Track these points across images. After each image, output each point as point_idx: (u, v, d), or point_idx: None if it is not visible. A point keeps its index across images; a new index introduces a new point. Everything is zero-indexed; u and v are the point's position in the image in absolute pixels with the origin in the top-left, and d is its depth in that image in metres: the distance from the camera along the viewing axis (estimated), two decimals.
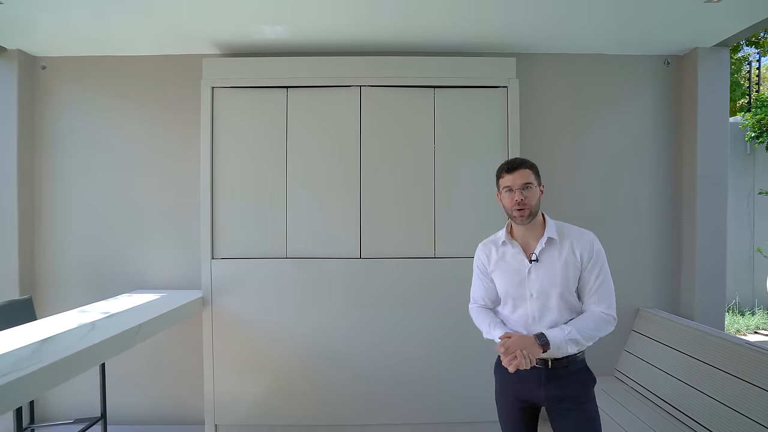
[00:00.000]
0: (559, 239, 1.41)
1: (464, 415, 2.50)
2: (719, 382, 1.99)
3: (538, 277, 1.39)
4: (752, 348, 1.93)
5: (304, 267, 2.49)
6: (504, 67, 2.51)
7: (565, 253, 1.39)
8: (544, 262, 1.40)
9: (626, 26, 2.42)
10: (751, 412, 1.77)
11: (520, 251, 1.43)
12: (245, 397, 2.50)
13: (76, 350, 1.47)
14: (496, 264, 1.48)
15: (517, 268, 1.43)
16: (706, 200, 2.73)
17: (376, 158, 2.50)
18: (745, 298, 5.07)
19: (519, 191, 1.36)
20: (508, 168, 1.41)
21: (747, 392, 1.83)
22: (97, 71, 2.73)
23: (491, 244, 1.52)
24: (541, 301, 1.38)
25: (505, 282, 1.45)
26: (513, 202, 1.37)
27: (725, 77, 2.76)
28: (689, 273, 2.79)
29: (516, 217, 1.39)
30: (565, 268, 1.38)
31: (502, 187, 1.43)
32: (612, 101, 2.82)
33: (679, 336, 2.40)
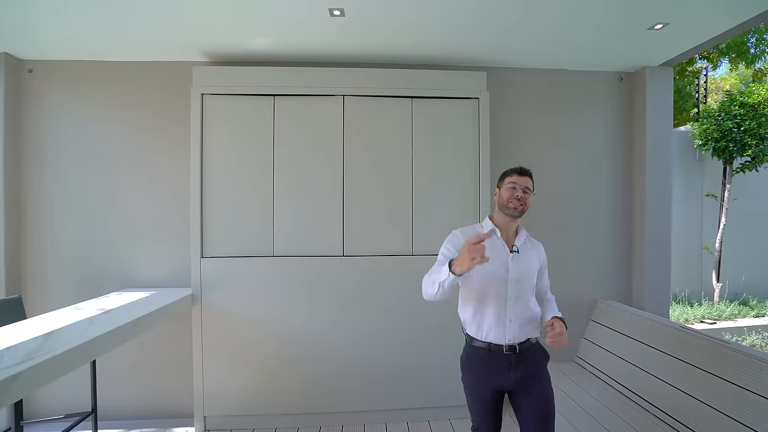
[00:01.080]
0: (529, 241, 1.72)
1: (436, 401, 2.70)
2: (666, 365, 2.25)
3: (518, 265, 1.60)
4: (693, 334, 2.20)
5: (290, 265, 2.63)
6: (475, 80, 2.73)
7: (533, 251, 1.69)
8: (522, 254, 1.63)
9: (584, 47, 2.70)
10: (693, 390, 2.02)
11: (503, 242, 1.62)
12: (233, 389, 2.61)
13: (81, 342, 1.57)
14: None
15: (501, 255, 1.59)
16: (654, 203, 3.05)
17: (358, 162, 2.67)
18: (694, 291, 5.53)
19: (521, 189, 1.59)
20: (519, 172, 1.63)
21: (689, 373, 2.09)
22: (85, 76, 2.79)
23: (472, 231, 1.64)
24: (519, 285, 1.59)
25: (491, 265, 1.50)
26: (513, 197, 1.58)
27: (669, 93, 3.09)
28: (639, 268, 3.10)
29: (511, 208, 1.58)
30: (535, 264, 1.67)
31: (507, 183, 1.62)
32: (573, 112, 3.10)
33: (631, 324, 2.67)
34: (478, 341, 1.59)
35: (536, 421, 1.54)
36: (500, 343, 1.55)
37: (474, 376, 1.62)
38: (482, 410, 1.63)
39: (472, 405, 1.67)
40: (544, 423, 1.54)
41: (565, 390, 2.58)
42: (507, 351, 1.54)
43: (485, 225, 1.68)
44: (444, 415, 2.71)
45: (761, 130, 4.81)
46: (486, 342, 1.57)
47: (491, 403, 1.61)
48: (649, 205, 3.05)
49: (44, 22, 2.29)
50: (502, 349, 1.55)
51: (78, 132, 2.79)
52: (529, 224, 3.04)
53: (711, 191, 5.53)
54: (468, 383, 1.65)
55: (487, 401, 1.61)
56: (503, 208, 1.62)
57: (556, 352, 2.96)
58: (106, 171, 2.80)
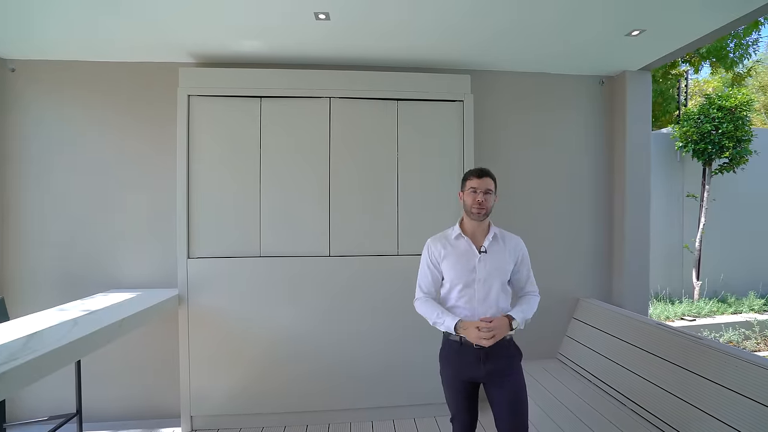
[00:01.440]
0: (501, 238, 1.75)
1: (422, 398, 2.74)
2: (644, 361, 2.32)
3: (486, 265, 1.67)
4: (668, 330, 2.28)
5: (276, 265, 2.65)
6: (460, 83, 2.78)
7: (506, 249, 1.73)
8: (490, 253, 1.69)
9: (565, 51, 2.77)
10: (671, 386, 2.08)
11: (471, 243, 1.71)
12: (220, 388, 2.63)
13: (65, 342, 1.57)
14: (449, 254, 1.72)
15: (468, 257, 1.69)
16: (633, 203, 3.13)
17: (344, 164, 2.70)
18: (675, 289, 5.67)
19: (481, 194, 1.66)
20: (478, 174, 1.69)
21: (666, 369, 2.15)
22: (69, 76, 2.77)
23: (443, 238, 1.77)
24: (487, 285, 1.66)
25: (457, 268, 1.68)
26: (475, 202, 1.66)
27: (648, 96, 3.18)
28: (619, 266, 3.18)
29: (474, 213, 1.67)
30: (505, 261, 1.71)
31: (468, 188, 1.69)
32: (555, 114, 3.17)
33: (611, 322, 2.74)
34: (452, 336, 1.68)
35: (508, 411, 1.63)
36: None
37: (449, 368, 1.71)
38: (457, 402, 1.71)
39: (448, 396, 1.75)
40: (515, 413, 1.63)
41: (547, 387, 2.64)
42: (477, 346, 1.61)
43: (454, 230, 1.76)
44: (429, 413, 2.76)
45: (738, 132, 4.96)
46: (458, 336, 1.65)
47: (465, 394, 1.70)
48: (629, 206, 3.13)
49: (28, 22, 2.27)
50: (473, 343, 1.61)
51: (62, 132, 2.77)
52: (513, 224, 3.11)
53: (691, 192, 5.68)
54: (444, 376, 1.74)
55: (461, 393, 1.70)
56: (468, 213, 1.71)
57: (541, 350, 3.07)
58: (91, 171, 2.79)
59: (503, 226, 1.85)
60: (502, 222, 2.94)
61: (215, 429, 2.65)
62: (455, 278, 1.69)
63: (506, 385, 1.65)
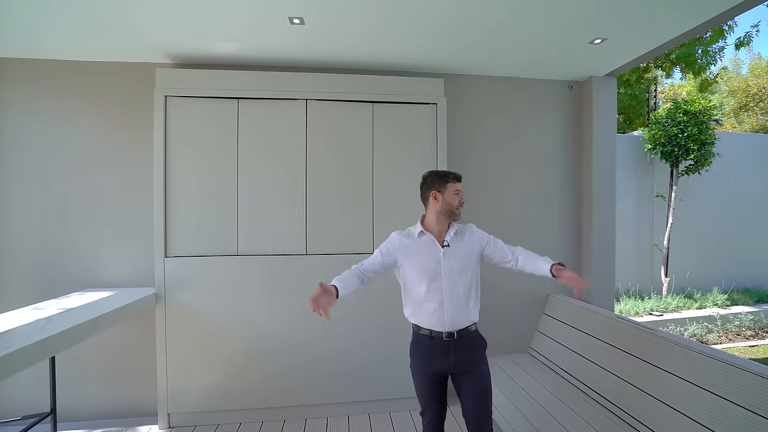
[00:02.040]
0: (461, 232, 1.85)
1: (396, 393, 2.83)
2: (608, 354, 2.43)
3: (450, 258, 1.76)
4: (631, 325, 2.38)
5: (254, 263, 2.70)
6: (434, 86, 2.88)
7: (465, 241, 1.82)
8: (453, 247, 1.78)
9: (535, 57, 2.89)
10: (635, 379, 2.17)
11: (433, 239, 1.79)
12: (197, 385, 2.66)
13: (38, 339, 1.59)
14: (413, 249, 1.78)
15: (433, 252, 1.77)
16: (599, 203, 3.27)
17: (321, 164, 2.76)
18: (645, 285, 5.90)
19: (463, 195, 1.81)
20: (459, 178, 1.82)
21: (630, 363, 2.24)
22: (45, 74, 2.76)
23: (408, 235, 1.84)
24: (452, 277, 1.75)
25: (424, 263, 1.75)
26: (459, 203, 1.79)
27: (613, 101, 3.33)
28: (587, 264, 3.33)
29: (457, 213, 1.79)
30: (468, 253, 1.81)
31: (451, 190, 1.78)
32: (526, 117, 3.29)
33: (578, 317, 2.86)
34: (422, 329, 1.77)
35: (474, 397, 1.72)
36: (440, 330, 1.73)
37: (419, 361, 1.78)
38: (427, 393, 1.80)
39: (418, 389, 1.82)
40: (481, 399, 1.73)
41: (518, 380, 2.74)
42: (446, 337, 1.72)
43: (416, 228, 1.83)
44: (404, 407, 2.85)
45: (702, 135, 5.21)
46: (428, 329, 1.74)
47: (435, 385, 1.79)
48: (595, 205, 3.27)
49: (1, 19, 2.26)
50: (442, 335, 1.72)
51: (38, 131, 2.76)
52: (485, 222, 3.22)
53: (660, 192, 5.92)
54: (414, 369, 1.82)
55: (430, 384, 1.78)
56: (450, 213, 1.78)
57: (513, 345, 3.18)
58: (68, 170, 2.78)
59: (473, 221, 1.97)
60: (473, 217, 3.06)
61: (192, 426, 2.68)
62: (422, 273, 1.75)
63: (473, 374, 1.75)
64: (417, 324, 1.79)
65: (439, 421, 1.84)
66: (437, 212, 1.79)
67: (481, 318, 2.99)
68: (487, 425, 1.74)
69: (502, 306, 3.18)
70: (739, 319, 5.07)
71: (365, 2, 2.11)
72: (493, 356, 3.11)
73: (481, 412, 1.73)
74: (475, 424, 1.73)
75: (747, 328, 5.08)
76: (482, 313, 2.94)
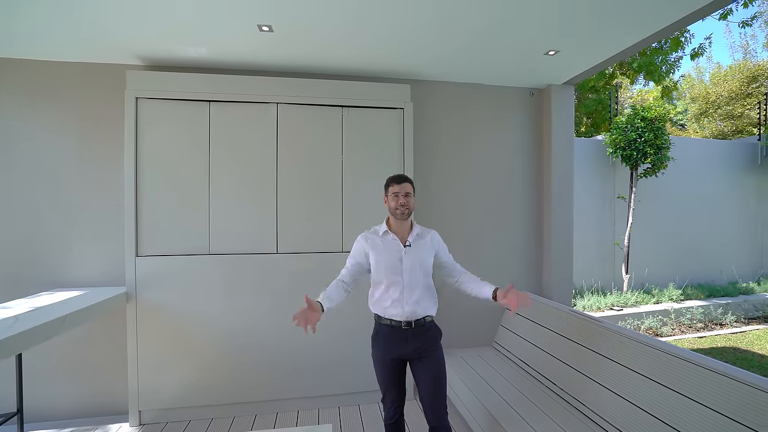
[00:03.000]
0: (422, 234, 2.01)
1: (365, 386, 2.94)
2: (563, 346, 2.60)
3: (410, 258, 1.92)
4: (586, 319, 2.55)
5: (225, 262, 2.76)
6: (401, 92, 3.01)
7: (425, 244, 1.99)
8: (413, 248, 1.95)
9: (497, 66, 3.06)
10: (583, 367, 2.34)
11: (397, 239, 1.96)
12: (168, 382, 2.70)
13: (4, 337, 1.63)
14: (378, 249, 1.94)
15: (395, 251, 1.94)
16: (558, 204, 3.48)
17: (291, 165, 2.85)
18: (607, 282, 6.22)
19: (402, 197, 1.92)
20: (397, 180, 1.95)
21: (579, 352, 2.41)
22: (11, 74, 2.74)
23: (373, 234, 2.00)
24: (411, 274, 1.91)
25: (386, 261, 1.91)
26: (398, 204, 1.92)
27: (571, 107, 3.55)
28: (547, 262, 3.53)
29: (398, 214, 1.93)
30: (427, 253, 1.98)
31: (390, 193, 1.95)
32: (490, 122, 3.47)
33: (538, 312, 3.02)
34: (383, 319, 1.93)
35: (430, 382, 1.89)
36: (400, 320, 1.89)
37: (380, 349, 1.95)
38: (387, 379, 1.96)
39: (379, 375, 1.98)
40: (436, 383, 1.90)
41: (480, 372, 2.88)
42: (405, 326, 1.89)
43: (381, 228, 2.00)
44: (373, 399, 2.97)
45: (657, 141, 5.55)
46: (389, 319, 1.91)
47: (394, 371, 1.95)
48: (554, 205, 3.48)
49: None
50: (401, 324, 1.89)
51: (5, 130, 2.74)
52: (451, 223, 3.37)
53: (621, 194, 6.25)
54: (375, 356, 1.98)
55: (390, 369, 1.94)
56: (393, 213, 1.95)
57: (478, 339, 3.34)
58: (38, 170, 2.77)
59: (443, 225, 2.11)
60: (442, 221, 3.22)
61: (164, 422, 2.72)
62: (385, 269, 1.91)
63: (429, 360, 1.91)
64: (379, 314, 1.96)
65: (399, 405, 2.01)
66: (390, 214, 1.98)
67: (449, 314, 3.19)
68: (441, 406, 1.90)
69: (468, 303, 3.27)
70: (691, 313, 5.43)
71: (331, 14, 2.22)
72: (459, 350, 3.29)
73: (436, 395, 1.89)
74: (431, 406, 1.89)
75: (698, 321, 5.44)
76: (451, 309, 3.14)
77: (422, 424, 2.46)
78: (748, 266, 7.20)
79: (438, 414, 1.89)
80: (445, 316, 3.15)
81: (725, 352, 4.50)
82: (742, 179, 7.23)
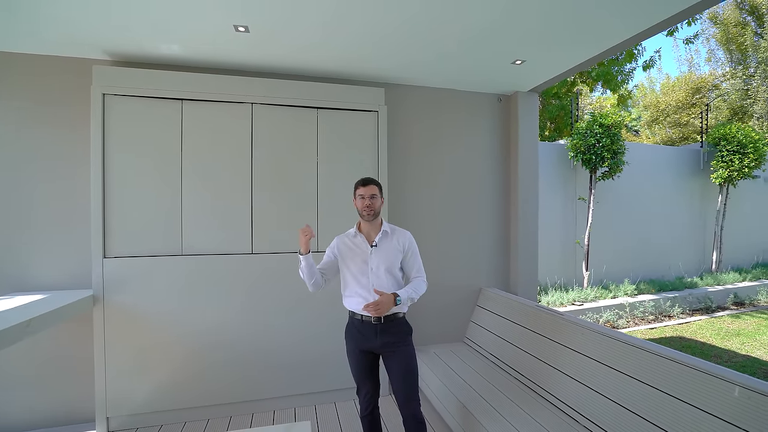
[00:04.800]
0: (391, 233, 2.08)
1: (335, 384, 2.99)
2: (528, 338, 2.75)
3: (376, 257, 2.02)
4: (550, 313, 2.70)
5: (199, 263, 2.73)
6: (375, 95, 3.08)
7: (393, 243, 2.07)
8: (380, 247, 2.04)
9: (467, 73, 3.20)
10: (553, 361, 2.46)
11: (364, 240, 2.06)
12: (139, 387, 2.64)
13: None
14: (348, 249, 2.07)
15: (362, 252, 2.05)
16: (524, 204, 3.67)
17: (265, 166, 2.85)
18: (569, 278, 6.58)
19: (368, 198, 2.02)
20: (363, 183, 2.04)
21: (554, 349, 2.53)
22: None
23: (345, 237, 2.13)
24: (377, 273, 2.01)
25: (354, 261, 2.03)
26: (364, 206, 2.02)
27: (535, 113, 3.75)
28: (514, 259, 3.71)
29: (364, 215, 2.03)
30: (394, 253, 2.06)
31: (357, 195, 2.05)
32: (461, 125, 3.61)
33: (506, 307, 3.17)
34: (355, 314, 2.05)
35: (401, 375, 1.98)
36: (369, 316, 1.97)
37: (352, 342, 2.06)
38: (360, 371, 2.06)
39: (353, 367, 2.08)
40: (406, 376, 1.98)
41: (452, 366, 3.00)
42: (375, 322, 1.99)
43: (353, 230, 2.12)
44: (349, 396, 3.02)
45: (614, 146, 5.94)
46: (360, 315, 2.01)
47: (366, 363, 2.06)
48: (521, 206, 3.66)
49: None
50: (371, 320, 1.98)
51: None
52: (422, 222, 3.47)
53: (582, 195, 6.62)
54: (349, 349, 2.09)
55: (362, 362, 2.05)
56: (360, 215, 2.06)
57: (449, 335, 3.46)
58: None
59: (416, 226, 2.20)
60: (415, 222, 3.32)
61: (134, 428, 2.65)
62: (353, 268, 2.04)
63: (399, 355, 1.99)
64: (351, 310, 2.07)
65: (373, 396, 2.10)
66: (359, 215, 2.07)
67: (422, 311, 3.28)
68: (414, 398, 1.98)
69: (440, 299, 3.45)
70: (643, 306, 5.84)
71: (308, 16, 2.25)
72: (432, 346, 3.40)
73: (407, 388, 1.97)
74: (404, 398, 1.98)
75: (650, 314, 5.86)
76: (423, 306, 3.25)
77: (398, 417, 2.54)
78: (693, 262, 7.83)
79: (410, 405, 1.98)
80: (418, 313, 3.25)
81: (672, 341, 4.89)
82: (688, 183, 7.85)
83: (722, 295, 6.60)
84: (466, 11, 2.25)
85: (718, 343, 4.90)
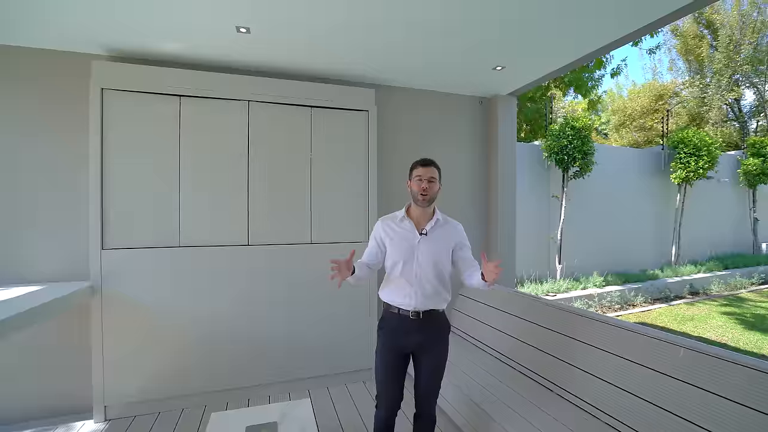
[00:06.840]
0: (444, 224, 1.91)
1: (329, 369, 3.15)
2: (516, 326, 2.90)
3: (425, 247, 1.83)
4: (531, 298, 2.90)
5: (197, 255, 2.81)
6: (366, 96, 3.24)
7: (445, 235, 1.89)
8: (431, 237, 1.85)
9: (451, 76, 3.41)
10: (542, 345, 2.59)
11: (413, 227, 1.86)
12: (136, 375, 2.70)
13: None
14: (394, 234, 1.87)
15: (410, 239, 1.85)
16: (503, 202, 3.93)
17: (261, 161, 2.96)
18: (543, 271, 6.95)
19: (426, 181, 1.82)
20: (422, 163, 1.85)
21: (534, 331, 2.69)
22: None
23: (390, 220, 1.92)
24: (424, 263, 1.82)
25: (401, 247, 1.83)
26: (420, 188, 1.82)
27: (514, 116, 4.02)
28: (495, 251, 3.96)
29: (419, 199, 1.83)
30: (444, 246, 1.87)
31: (414, 176, 1.84)
32: (445, 125, 3.83)
33: (486, 294, 3.38)
34: (392, 307, 1.88)
35: (428, 373, 1.87)
36: (408, 309, 1.83)
37: (385, 338, 1.88)
38: (388, 371, 1.86)
39: (380, 367, 1.88)
40: (433, 375, 1.88)
41: None
42: (413, 316, 1.82)
43: (400, 213, 1.93)
44: (342, 381, 3.18)
45: (584, 147, 6.34)
46: (397, 308, 1.85)
47: (395, 363, 1.86)
48: (500, 204, 3.92)
49: None
50: (409, 314, 1.82)
51: None
52: None
53: (555, 193, 7.01)
54: (380, 344, 1.90)
55: (392, 361, 1.86)
56: (415, 199, 1.87)
57: None
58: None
59: None
60: None
61: (131, 416, 2.71)
62: (398, 256, 1.83)
63: (434, 352, 1.85)
64: (388, 302, 1.89)
65: (393, 408, 1.88)
66: (412, 199, 1.90)
67: None
68: (433, 396, 1.90)
69: None
70: (610, 296, 6.27)
71: (310, 20, 2.40)
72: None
73: (430, 387, 1.88)
74: (423, 397, 1.89)
75: (616, 303, 6.30)
76: None
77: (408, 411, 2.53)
78: (655, 256, 8.40)
79: (430, 402, 1.89)
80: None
81: None
82: (651, 182, 8.42)
83: (679, 286, 7.14)
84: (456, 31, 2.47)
85: (675, 327, 5.39)
